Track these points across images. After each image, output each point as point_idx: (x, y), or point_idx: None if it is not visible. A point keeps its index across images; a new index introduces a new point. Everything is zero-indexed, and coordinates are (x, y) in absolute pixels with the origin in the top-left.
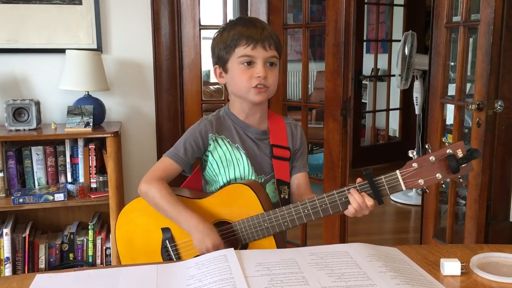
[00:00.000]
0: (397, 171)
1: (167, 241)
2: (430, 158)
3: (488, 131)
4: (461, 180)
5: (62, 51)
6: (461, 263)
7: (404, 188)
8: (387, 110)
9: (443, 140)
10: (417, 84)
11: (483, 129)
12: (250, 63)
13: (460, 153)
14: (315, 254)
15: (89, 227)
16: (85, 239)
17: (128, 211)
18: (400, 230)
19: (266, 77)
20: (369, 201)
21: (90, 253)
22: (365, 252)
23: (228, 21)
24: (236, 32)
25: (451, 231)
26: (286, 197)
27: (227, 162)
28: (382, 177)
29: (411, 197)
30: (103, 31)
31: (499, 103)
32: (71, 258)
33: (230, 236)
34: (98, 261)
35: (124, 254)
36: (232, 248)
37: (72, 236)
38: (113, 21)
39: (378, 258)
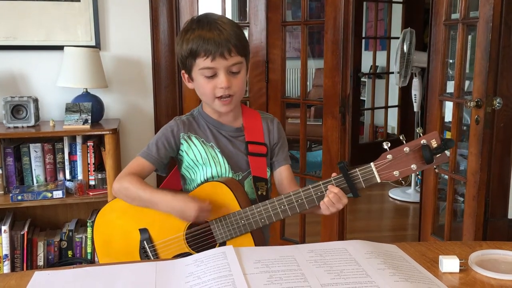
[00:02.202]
0: (372, 163)
1: (145, 242)
2: (405, 149)
3: (487, 128)
4: (436, 170)
5: (60, 48)
6: (459, 260)
7: (379, 180)
8: (386, 107)
9: (417, 131)
10: (415, 82)
11: (482, 127)
12: (212, 75)
13: (434, 143)
14: (314, 251)
15: (88, 224)
16: (83, 236)
17: (106, 213)
18: (399, 227)
19: (230, 86)
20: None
21: (89, 250)
22: (364, 249)
23: (190, 21)
24: (194, 37)
25: (450, 228)
26: (264, 193)
27: (203, 161)
28: (357, 169)
29: (410, 194)
30: (101, 28)
31: (497, 100)
32: (69, 256)
33: (208, 235)
34: (97, 258)
35: (102, 256)
36: (231, 246)
37: (70, 233)
38: (111, 18)
39: (377, 255)
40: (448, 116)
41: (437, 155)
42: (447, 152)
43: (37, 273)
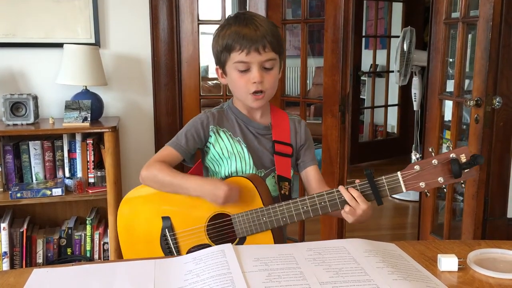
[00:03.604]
0: (398, 173)
1: (166, 230)
2: (433, 161)
3: (486, 127)
4: (463, 185)
5: (60, 45)
6: (458, 259)
7: (404, 190)
8: (386, 106)
9: (447, 144)
10: (415, 80)
11: (481, 126)
12: (245, 69)
13: (463, 158)
14: (312, 250)
15: (87, 222)
16: (83, 234)
17: (130, 199)
18: (398, 226)
19: (263, 82)
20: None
21: (88, 248)
22: (363, 247)
23: (227, 17)
24: (231, 33)
25: (449, 227)
26: (287, 193)
27: (228, 155)
28: (383, 177)
29: (409, 193)
30: (101, 26)
31: (497, 99)
32: (69, 253)
33: (228, 229)
34: (96, 256)
35: (124, 241)
36: (230, 244)
37: (70, 231)
38: (111, 15)
39: (375, 254)
40: (448, 115)
41: (466, 170)
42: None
43: (36, 270)
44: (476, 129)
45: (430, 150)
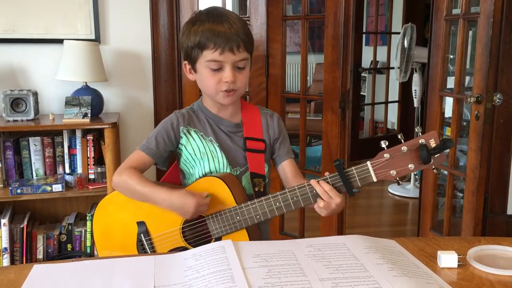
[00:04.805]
0: (368, 162)
1: (142, 235)
2: (402, 148)
3: (487, 124)
4: (435, 171)
5: (60, 41)
6: (458, 255)
7: (375, 180)
8: (386, 102)
9: (416, 130)
10: (416, 77)
11: (482, 122)
12: (218, 68)
13: (433, 143)
14: (312, 246)
15: (87, 218)
16: (83, 230)
17: (105, 205)
18: (398, 222)
19: (235, 81)
20: (332, 191)
21: (88, 243)
22: (363, 244)
23: (197, 13)
24: (204, 30)
25: (449, 224)
26: (261, 190)
27: (201, 155)
28: (353, 168)
29: (409, 190)
30: (101, 22)
31: (497, 96)
32: (69, 249)
33: (203, 230)
34: (96, 252)
35: (101, 248)
36: (230, 240)
37: (70, 227)
38: (111, 11)
39: (375, 250)
40: (448, 112)
41: (435, 155)
42: (447, 151)
43: (36, 266)
44: (476, 126)
45: (399, 137)
